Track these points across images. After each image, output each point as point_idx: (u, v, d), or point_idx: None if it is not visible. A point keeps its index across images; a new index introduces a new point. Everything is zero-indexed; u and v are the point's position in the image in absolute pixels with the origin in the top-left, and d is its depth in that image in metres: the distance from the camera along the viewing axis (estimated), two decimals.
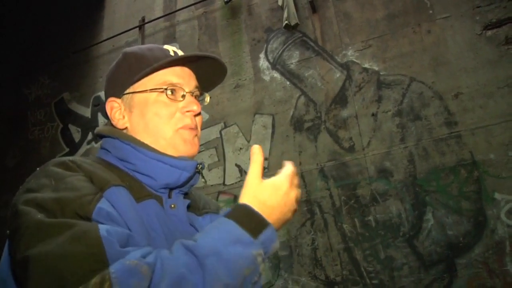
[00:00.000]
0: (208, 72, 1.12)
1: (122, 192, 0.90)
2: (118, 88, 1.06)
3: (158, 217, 0.94)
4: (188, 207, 1.06)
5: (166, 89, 1.02)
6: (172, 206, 1.00)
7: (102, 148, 1.07)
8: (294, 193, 0.93)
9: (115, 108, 1.06)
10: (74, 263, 0.66)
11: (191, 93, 1.06)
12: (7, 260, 0.83)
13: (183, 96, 1.04)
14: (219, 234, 0.78)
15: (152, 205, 0.96)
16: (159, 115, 1.01)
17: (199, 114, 1.07)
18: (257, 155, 0.93)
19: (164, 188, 1.00)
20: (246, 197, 0.87)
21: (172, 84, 1.03)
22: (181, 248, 0.75)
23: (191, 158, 1.05)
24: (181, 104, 1.03)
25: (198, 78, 1.11)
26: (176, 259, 0.73)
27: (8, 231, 0.78)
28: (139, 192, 0.95)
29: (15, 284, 0.80)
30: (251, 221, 0.82)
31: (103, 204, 0.81)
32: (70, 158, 0.92)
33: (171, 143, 1.01)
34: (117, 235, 0.73)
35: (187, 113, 1.03)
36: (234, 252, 0.75)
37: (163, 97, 1.02)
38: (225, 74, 1.16)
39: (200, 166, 1.04)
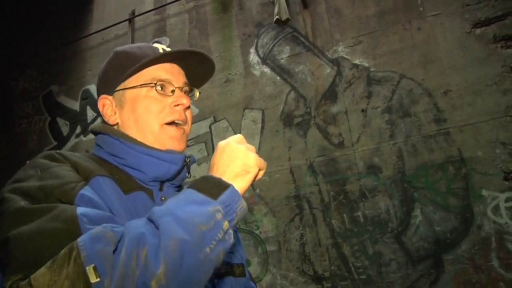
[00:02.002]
0: (197, 69, 1.15)
1: (107, 182, 0.92)
2: (109, 85, 1.10)
3: (145, 208, 0.95)
4: None
5: (155, 84, 1.04)
6: (163, 198, 1.01)
7: (96, 144, 1.10)
8: (242, 147, 0.90)
9: (107, 105, 1.09)
10: (48, 239, 0.69)
11: (180, 88, 1.08)
12: None
13: (173, 91, 1.07)
14: (175, 200, 0.80)
15: (140, 197, 0.98)
16: (149, 110, 1.04)
17: (188, 107, 1.09)
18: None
19: (154, 181, 1.02)
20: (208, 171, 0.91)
21: (162, 80, 1.05)
22: (142, 218, 0.77)
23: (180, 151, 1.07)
24: (170, 99, 1.06)
25: (188, 75, 1.14)
26: (136, 224, 0.74)
27: None
28: (128, 184, 0.97)
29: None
30: (208, 185, 0.83)
31: (85, 191, 0.83)
32: (58, 151, 0.95)
33: (157, 138, 1.03)
34: (94, 215, 0.75)
35: (177, 107, 1.05)
36: (188, 210, 0.75)
37: (153, 92, 1.04)
38: (213, 70, 1.18)
39: (189, 159, 1.06)
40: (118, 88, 1.08)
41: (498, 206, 3.65)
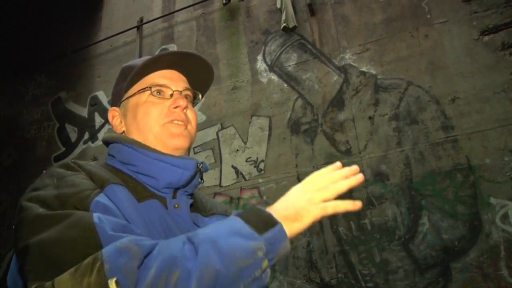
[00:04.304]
0: (198, 74, 1.17)
1: (121, 190, 0.93)
2: (117, 98, 1.16)
3: (159, 216, 0.96)
4: (192, 207, 1.08)
5: (151, 87, 1.08)
6: (176, 206, 1.02)
7: (108, 154, 1.11)
8: (306, 197, 0.87)
9: (116, 116, 1.15)
10: (69, 247, 0.71)
11: (180, 92, 1.11)
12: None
13: (171, 95, 1.09)
14: (220, 226, 0.80)
15: (154, 205, 0.98)
16: (148, 114, 1.06)
17: (186, 107, 1.09)
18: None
19: (167, 188, 1.02)
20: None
21: (159, 85, 1.09)
22: (181, 237, 0.77)
23: (186, 153, 1.09)
24: (168, 102, 1.07)
25: (191, 82, 1.17)
26: (172, 244, 0.75)
27: (13, 226, 0.83)
28: (141, 193, 0.97)
29: (19, 275, 0.84)
30: (257, 218, 0.80)
31: (101, 198, 0.84)
32: (73, 160, 0.98)
33: (158, 137, 1.05)
34: (110, 223, 0.76)
35: (175, 109, 1.07)
36: (231, 242, 0.74)
37: (151, 97, 1.07)
38: (212, 73, 1.20)
39: (201, 165, 1.07)
40: (122, 99, 1.13)
41: (507, 214, 3.62)
